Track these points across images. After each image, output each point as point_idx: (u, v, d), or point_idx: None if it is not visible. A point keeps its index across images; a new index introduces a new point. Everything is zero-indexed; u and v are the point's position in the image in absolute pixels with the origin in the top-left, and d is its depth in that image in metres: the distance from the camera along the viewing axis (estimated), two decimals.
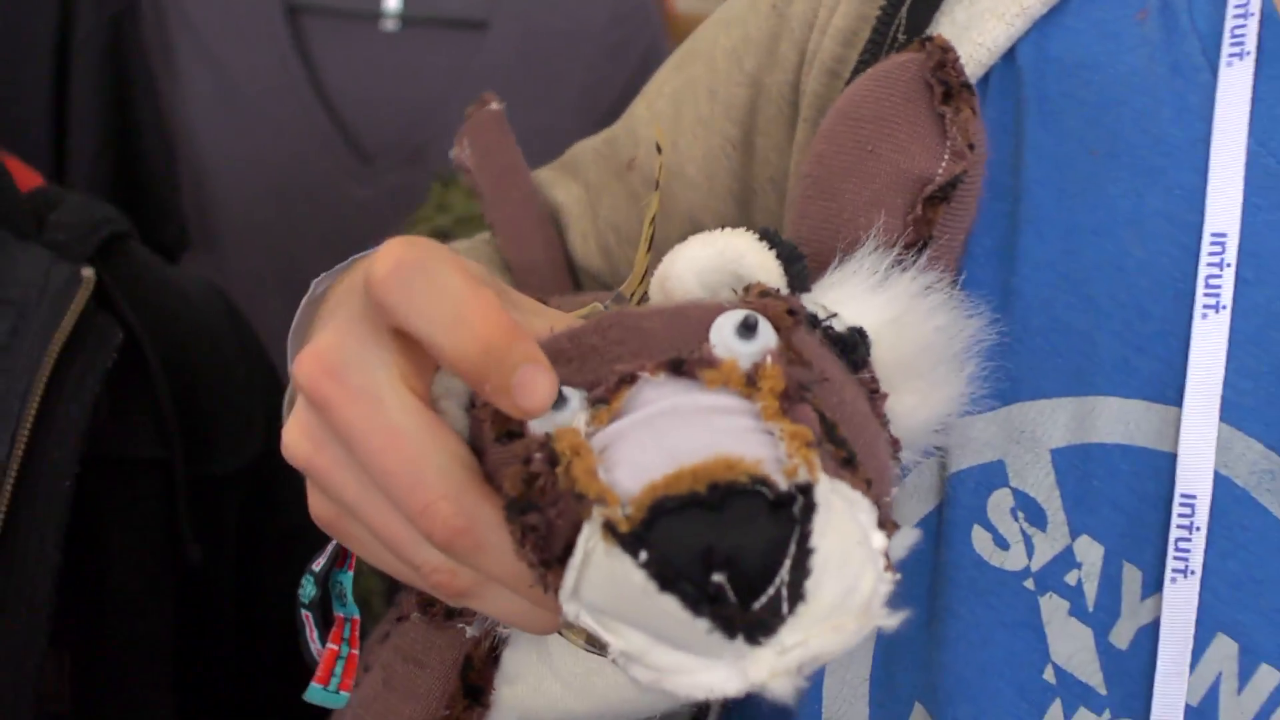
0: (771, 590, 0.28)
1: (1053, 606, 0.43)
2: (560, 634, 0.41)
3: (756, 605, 0.28)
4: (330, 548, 0.45)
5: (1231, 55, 0.43)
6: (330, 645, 0.45)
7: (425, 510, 0.32)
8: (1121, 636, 0.41)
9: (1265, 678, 0.38)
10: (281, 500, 0.81)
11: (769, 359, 0.32)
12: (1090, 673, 0.41)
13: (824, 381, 0.34)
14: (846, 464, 0.32)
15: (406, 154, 1.28)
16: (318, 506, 0.37)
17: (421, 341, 0.32)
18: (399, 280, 0.31)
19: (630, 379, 0.32)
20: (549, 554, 0.31)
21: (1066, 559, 0.43)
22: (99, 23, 1.20)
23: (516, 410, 0.32)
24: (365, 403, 0.32)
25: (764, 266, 0.39)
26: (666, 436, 0.30)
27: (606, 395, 0.32)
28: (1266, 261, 0.41)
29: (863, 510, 0.30)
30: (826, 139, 0.44)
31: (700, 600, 0.28)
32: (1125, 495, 0.42)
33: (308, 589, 0.45)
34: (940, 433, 0.40)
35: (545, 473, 0.31)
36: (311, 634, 0.45)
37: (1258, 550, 0.39)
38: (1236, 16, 0.43)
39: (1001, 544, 0.44)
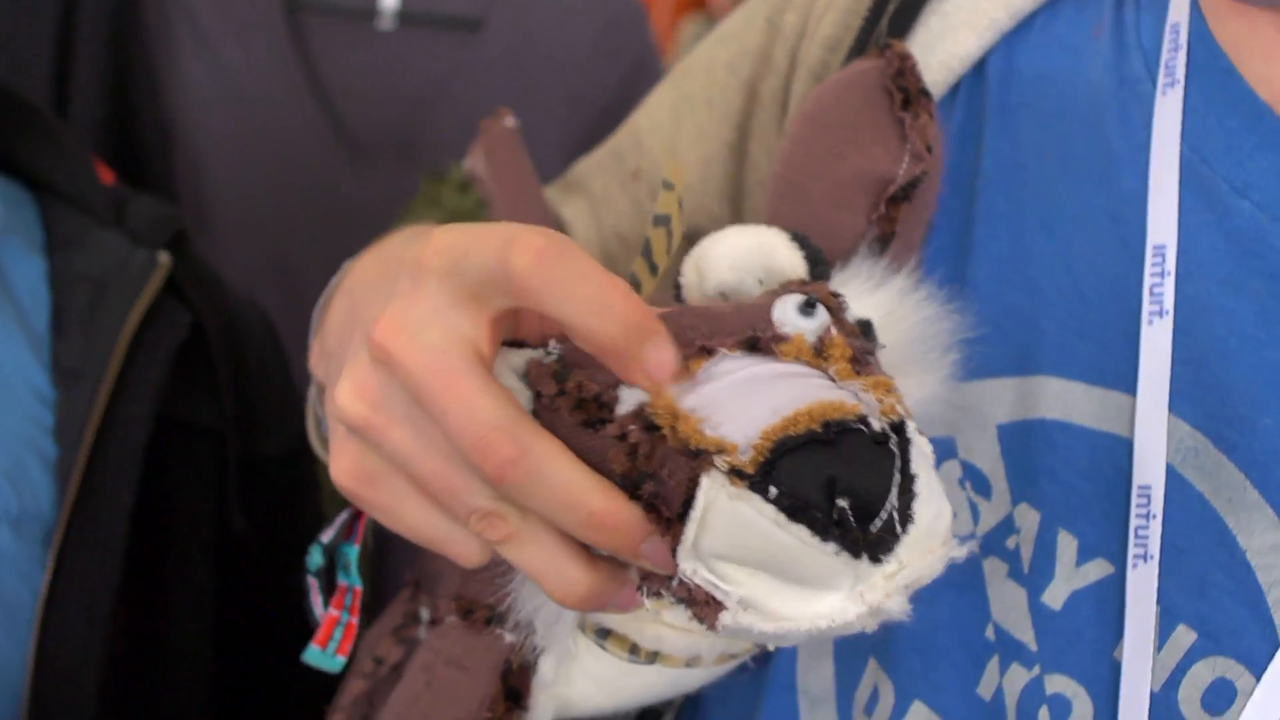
0: (885, 513, 0.32)
1: (993, 568, 0.46)
2: (603, 648, 0.44)
3: (874, 527, 0.32)
4: (339, 521, 0.47)
5: (1165, 84, 0.46)
6: (332, 611, 0.47)
7: (480, 442, 0.34)
8: (1055, 598, 0.44)
9: (1182, 636, 0.41)
10: (305, 499, 0.88)
11: (832, 331, 0.36)
12: (1023, 630, 0.44)
13: (881, 349, 0.38)
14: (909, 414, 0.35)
15: (399, 150, 1.30)
16: (358, 467, 0.38)
17: (563, 323, 0.34)
18: (542, 270, 0.33)
19: (709, 351, 0.35)
20: (669, 514, 0.33)
21: (1007, 525, 0.46)
22: (102, 12, 1.22)
23: (648, 379, 0.34)
24: (433, 354, 0.35)
25: (792, 263, 0.42)
26: (762, 394, 0.34)
27: (687, 361, 0.35)
28: (1197, 259, 0.44)
29: (929, 449, 0.34)
30: (794, 142, 0.47)
31: (828, 525, 0.31)
32: (1062, 468, 0.45)
33: (315, 557, 0.47)
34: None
35: (644, 440, 0.34)
36: (315, 598, 0.48)
37: (1179, 521, 0.42)
38: (1170, 50, 0.46)
39: None
